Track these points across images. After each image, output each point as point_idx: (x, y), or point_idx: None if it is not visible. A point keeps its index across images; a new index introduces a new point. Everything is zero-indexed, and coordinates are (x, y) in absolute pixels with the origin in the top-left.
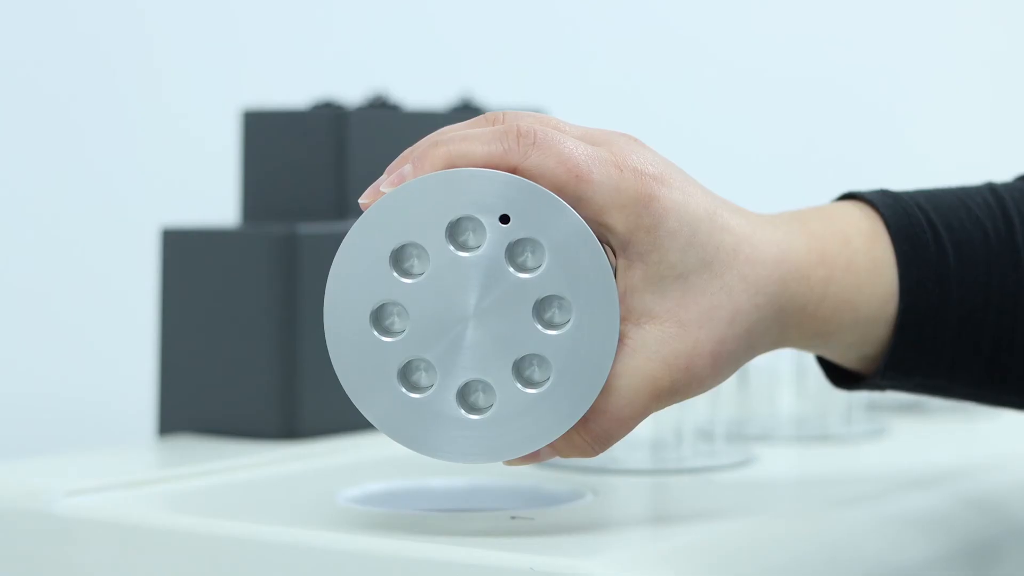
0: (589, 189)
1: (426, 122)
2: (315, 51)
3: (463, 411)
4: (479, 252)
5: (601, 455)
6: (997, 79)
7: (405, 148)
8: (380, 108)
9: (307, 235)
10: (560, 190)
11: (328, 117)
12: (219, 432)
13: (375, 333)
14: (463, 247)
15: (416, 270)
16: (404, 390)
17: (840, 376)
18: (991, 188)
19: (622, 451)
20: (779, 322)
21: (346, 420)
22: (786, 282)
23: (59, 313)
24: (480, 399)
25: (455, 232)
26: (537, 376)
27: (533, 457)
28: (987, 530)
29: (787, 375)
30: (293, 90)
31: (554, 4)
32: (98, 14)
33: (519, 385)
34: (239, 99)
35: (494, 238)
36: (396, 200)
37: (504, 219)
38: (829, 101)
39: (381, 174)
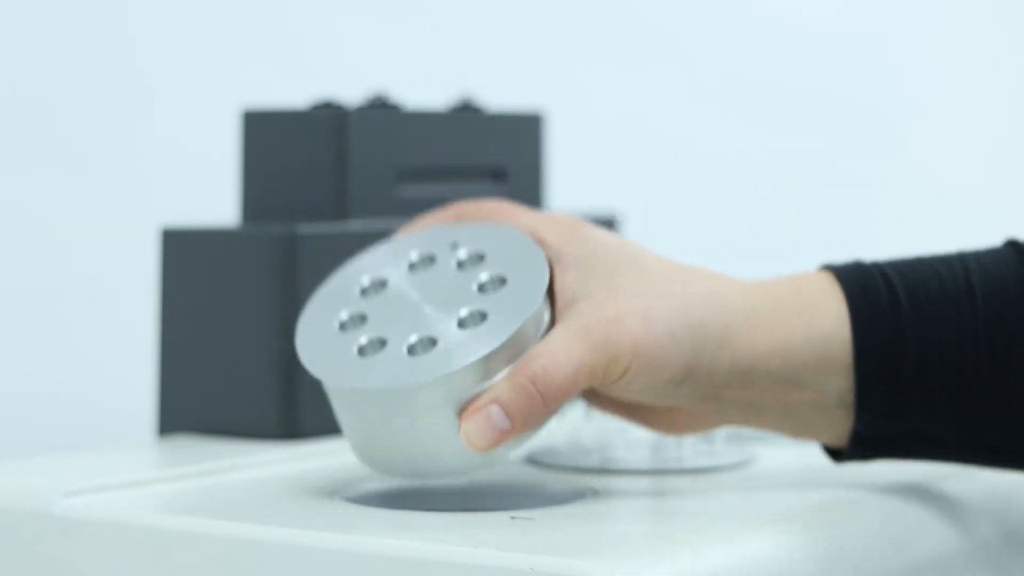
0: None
1: (426, 122)
2: (315, 51)
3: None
4: (431, 267)
5: (601, 456)
6: (1000, 84)
7: (405, 148)
8: (380, 108)
9: (307, 235)
10: None
11: (328, 117)
12: (219, 432)
13: (340, 333)
14: (417, 270)
15: (375, 293)
16: (363, 360)
17: (836, 454)
18: (956, 254)
19: (622, 451)
20: (720, 313)
21: None
22: (721, 286)
23: (59, 313)
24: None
25: (414, 266)
26: (476, 321)
27: (499, 433)
28: (988, 530)
29: None
30: (293, 90)
31: (554, 5)
32: (98, 15)
33: (459, 330)
34: (239, 99)
35: (444, 257)
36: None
37: (454, 245)
38: (827, 106)
39: (381, 174)
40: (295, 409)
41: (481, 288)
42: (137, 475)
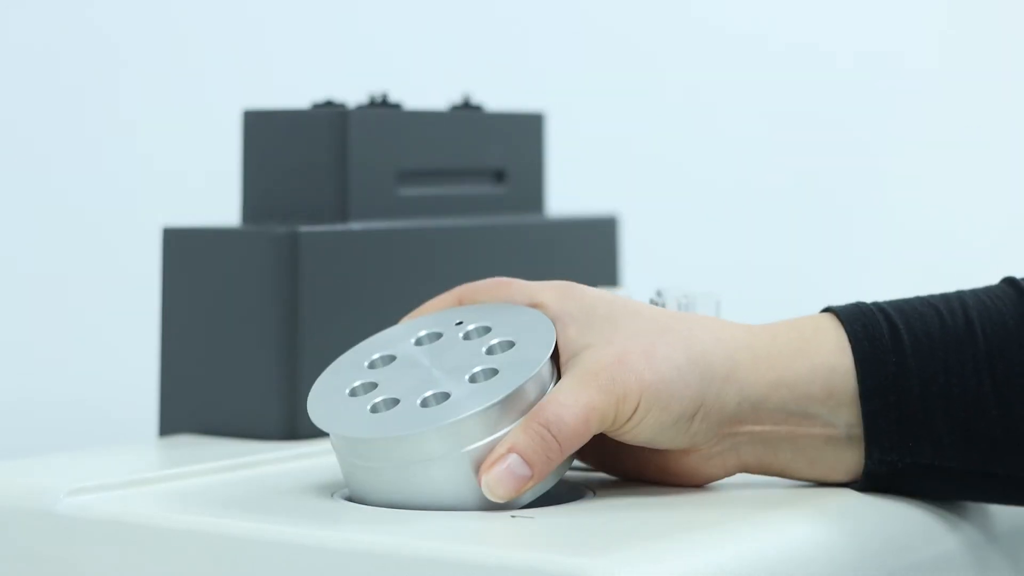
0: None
1: (426, 122)
2: (315, 51)
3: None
4: (439, 340)
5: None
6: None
7: (405, 148)
8: (380, 108)
9: (308, 234)
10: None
11: (328, 117)
12: (220, 432)
13: (351, 398)
14: (424, 344)
15: (384, 365)
16: (375, 416)
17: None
18: (954, 293)
19: None
20: (722, 348)
21: None
22: (720, 325)
23: (60, 313)
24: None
25: (421, 341)
26: (487, 375)
27: (521, 482)
28: (990, 528)
29: None
30: (293, 90)
31: (555, 5)
32: (100, 15)
33: (471, 384)
34: (240, 99)
35: (450, 332)
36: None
37: (459, 323)
38: (825, 105)
39: (381, 174)
40: (296, 409)
41: (490, 351)
42: (138, 474)
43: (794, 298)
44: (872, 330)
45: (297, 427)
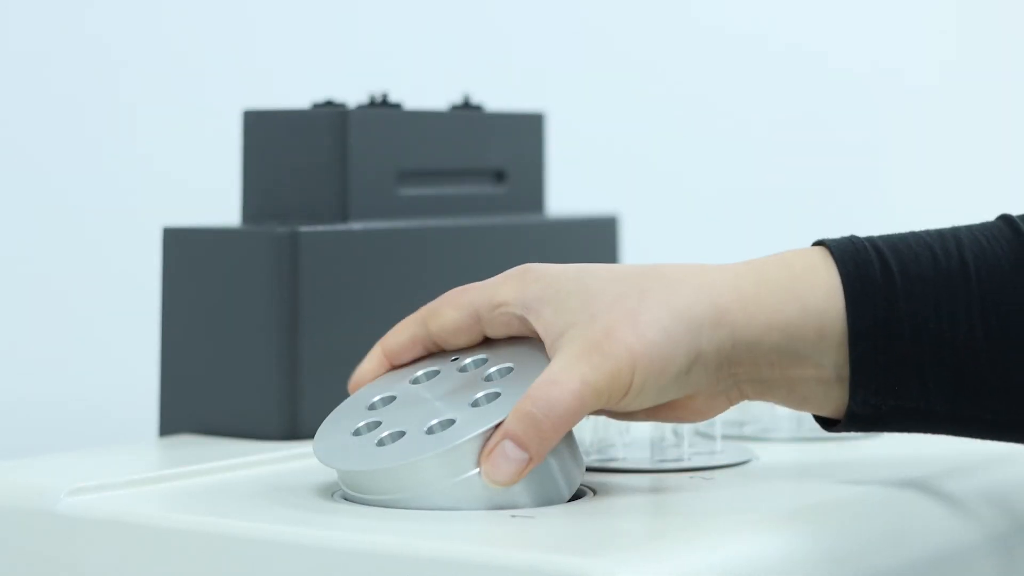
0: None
1: (426, 122)
2: (315, 51)
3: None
4: (436, 376)
5: (601, 455)
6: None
7: (405, 148)
8: (380, 108)
9: (308, 234)
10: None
11: (328, 117)
12: (220, 432)
13: (355, 437)
14: (421, 381)
15: (384, 405)
16: (382, 450)
17: (830, 424)
18: (949, 229)
19: (622, 450)
20: (706, 296)
21: None
22: (702, 271)
23: (61, 313)
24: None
25: (418, 380)
26: (489, 400)
27: (519, 465)
28: (990, 527)
29: None
30: (293, 90)
31: (554, 5)
32: (101, 15)
33: (474, 408)
34: (240, 99)
35: (447, 368)
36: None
37: (455, 359)
38: (823, 100)
39: (381, 174)
40: (296, 409)
41: (488, 378)
42: (139, 474)
43: None
44: (864, 269)
45: (297, 427)
